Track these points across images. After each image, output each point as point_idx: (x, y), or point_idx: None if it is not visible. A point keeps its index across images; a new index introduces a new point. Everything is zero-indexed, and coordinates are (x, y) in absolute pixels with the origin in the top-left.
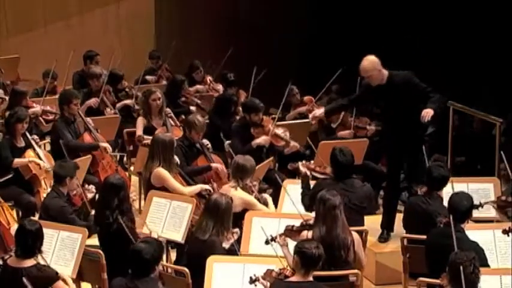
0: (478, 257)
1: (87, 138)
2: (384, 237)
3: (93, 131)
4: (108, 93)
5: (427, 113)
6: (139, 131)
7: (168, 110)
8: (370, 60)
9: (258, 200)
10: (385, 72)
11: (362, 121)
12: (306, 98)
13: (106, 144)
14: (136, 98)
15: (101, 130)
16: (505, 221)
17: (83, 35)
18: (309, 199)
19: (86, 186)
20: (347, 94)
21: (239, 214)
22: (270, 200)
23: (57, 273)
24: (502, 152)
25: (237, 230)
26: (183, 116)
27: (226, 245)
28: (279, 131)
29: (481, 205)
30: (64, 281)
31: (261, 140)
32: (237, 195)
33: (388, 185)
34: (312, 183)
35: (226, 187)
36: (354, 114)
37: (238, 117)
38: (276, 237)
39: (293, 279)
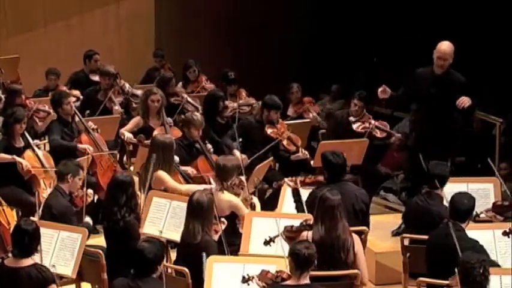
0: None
1: (84, 138)
2: (398, 232)
3: (91, 131)
4: (117, 92)
5: (465, 100)
6: (126, 127)
7: (170, 119)
8: (451, 46)
9: (247, 202)
10: None
11: (382, 123)
12: (305, 99)
13: (85, 146)
14: (132, 95)
15: (101, 130)
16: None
17: (83, 35)
18: (306, 210)
19: (84, 190)
20: (347, 94)
21: (228, 217)
22: (258, 205)
23: (53, 276)
24: (489, 158)
25: (222, 219)
26: (183, 116)
27: (215, 237)
28: (293, 137)
29: (477, 215)
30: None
31: (241, 157)
32: (225, 198)
33: (414, 182)
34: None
35: (213, 191)
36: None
37: (235, 106)
38: (275, 238)
39: (289, 282)
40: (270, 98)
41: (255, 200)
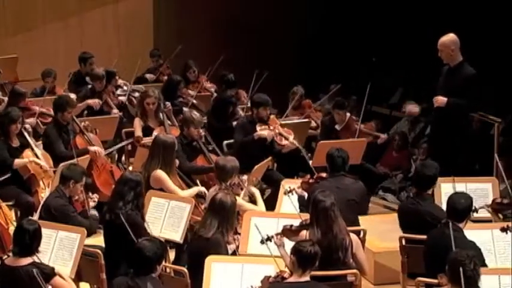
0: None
1: (79, 141)
2: None
3: (86, 133)
4: (112, 94)
5: (437, 99)
6: (137, 131)
7: (168, 104)
8: (450, 38)
9: (250, 199)
10: (459, 58)
11: (368, 126)
12: (304, 102)
13: (95, 148)
14: (132, 90)
15: (100, 130)
16: (500, 221)
17: (82, 35)
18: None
19: (90, 194)
20: (347, 95)
21: None
22: (257, 193)
23: (53, 269)
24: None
25: (238, 236)
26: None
27: (229, 248)
28: (284, 131)
29: (475, 210)
30: (61, 276)
31: (265, 132)
32: None
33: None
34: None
35: (211, 191)
36: (360, 119)
37: (242, 115)
38: (272, 237)
39: (290, 279)
40: (257, 95)
41: (253, 189)
